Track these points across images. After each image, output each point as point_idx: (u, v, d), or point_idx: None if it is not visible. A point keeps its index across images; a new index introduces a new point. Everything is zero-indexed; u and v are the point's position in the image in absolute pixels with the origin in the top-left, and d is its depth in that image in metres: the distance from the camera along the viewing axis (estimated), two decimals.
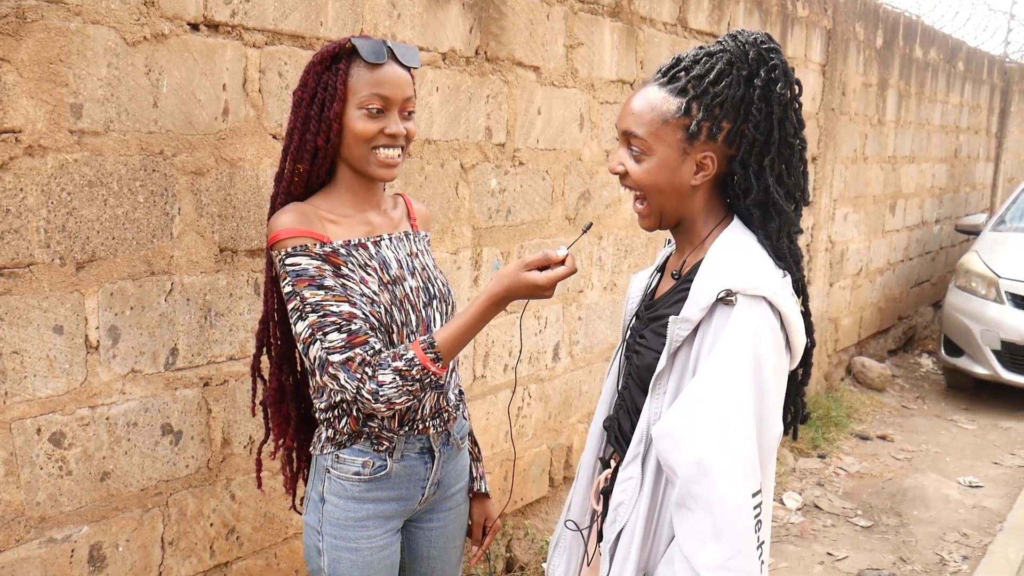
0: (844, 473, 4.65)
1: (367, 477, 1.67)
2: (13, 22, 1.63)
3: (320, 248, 1.56)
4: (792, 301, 1.35)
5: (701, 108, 1.36)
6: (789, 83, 1.37)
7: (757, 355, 1.27)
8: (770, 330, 1.30)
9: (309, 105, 1.59)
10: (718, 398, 1.26)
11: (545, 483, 3.47)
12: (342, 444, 1.67)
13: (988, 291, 5.93)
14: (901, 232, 7.15)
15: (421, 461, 1.73)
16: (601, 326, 3.63)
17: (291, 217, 1.57)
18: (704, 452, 1.24)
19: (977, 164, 9.07)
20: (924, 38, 6.96)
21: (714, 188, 1.44)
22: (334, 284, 1.55)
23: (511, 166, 3.00)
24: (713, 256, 1.37)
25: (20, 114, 1.66)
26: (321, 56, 1.59)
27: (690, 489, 1.25)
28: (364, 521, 1.68)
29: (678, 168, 1.39)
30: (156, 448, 1.99)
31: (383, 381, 1.52)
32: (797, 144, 1.39)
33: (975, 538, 3.92)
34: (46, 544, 1.81)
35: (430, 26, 2.58)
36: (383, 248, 1.67)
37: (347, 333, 1.53)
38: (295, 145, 1.61)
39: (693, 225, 1.46)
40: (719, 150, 1.38)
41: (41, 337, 1.75)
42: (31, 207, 1.70)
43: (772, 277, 1.35)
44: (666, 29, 3.70)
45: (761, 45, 1.37)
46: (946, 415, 5.82)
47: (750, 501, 1.24)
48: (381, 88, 1.58)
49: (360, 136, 1.58)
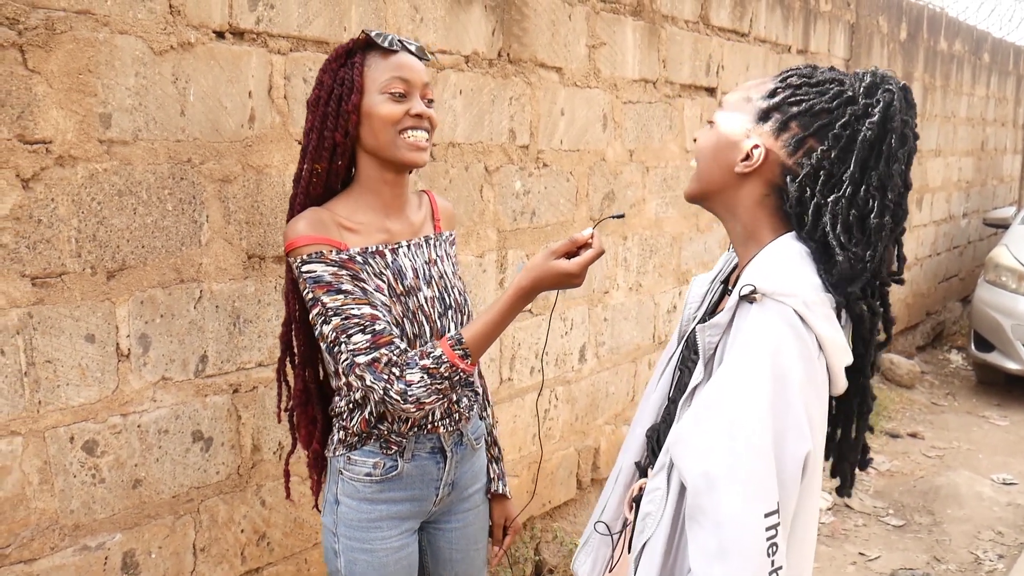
0: (875, 471, 4.60)
1: (378, 478, 1.67)
2: (43, 33, 1.64)
3: (336, 255, 1.55)
4: (830, 319, 1.24)
5: (782, 97, 1.29)
6: (887, 126, 1.24)
7: (778, 364, 1.17)
8: (796, 340, 1.18)
9: (327, 103, 1.58)
10: (728, 406, 1.17)
11: (573, 485, 3.46)
12: (353, 445, 1.67)
13: (1019, 285, 5.84)
14: (928, 227, 7.06)
15: (433, 461, 1.72)
16: (627, 327, 3.61)
17: (306, 224, 1.56)
18: (712, 464, 1.15)
19: (1004, 156, 8.95)
20: (948, 30, 6.87)
21: (772, 202, 1.32)
22: (352, 288, 1.54)
23: (535, 168, 2.99)
24: (755, 259, 1.29)
25: (50, 124, 1.67)
26: (335, 54, 1.60)
27: (699, 502, 1.16)
28: (378, 522, 1.68)
29: (733, 146, 1.31)
30: (187, 455, 2.00)
31: (411, 381, 1.51)
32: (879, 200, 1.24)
33: (1010, 536, 3.86)
34: (80, 552, 1.82)
35: (453, 29, 2.58)
36: (400, 256, 1.65)
37: (371, 334, 1.52)
38: (313, 144, 1.60)
39: (746, 232, 1.35)
40: (776, 150, 1.28)
41: (73, 346, 1.76)
42: (62, 217, 1.71)
43: (812, 288, 1.23)
44: (688, 27, 3.67)
45: (884, 80, 1.27)
46: (977, 411, 5.74)
47: (761, 521, 1.13)
48: (401, 71, 1.57)
49: (387, 119, 1.56)
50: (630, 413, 3.71)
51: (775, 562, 1.13)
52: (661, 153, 3.64)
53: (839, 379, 1.28)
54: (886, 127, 1.24)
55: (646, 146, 3.54)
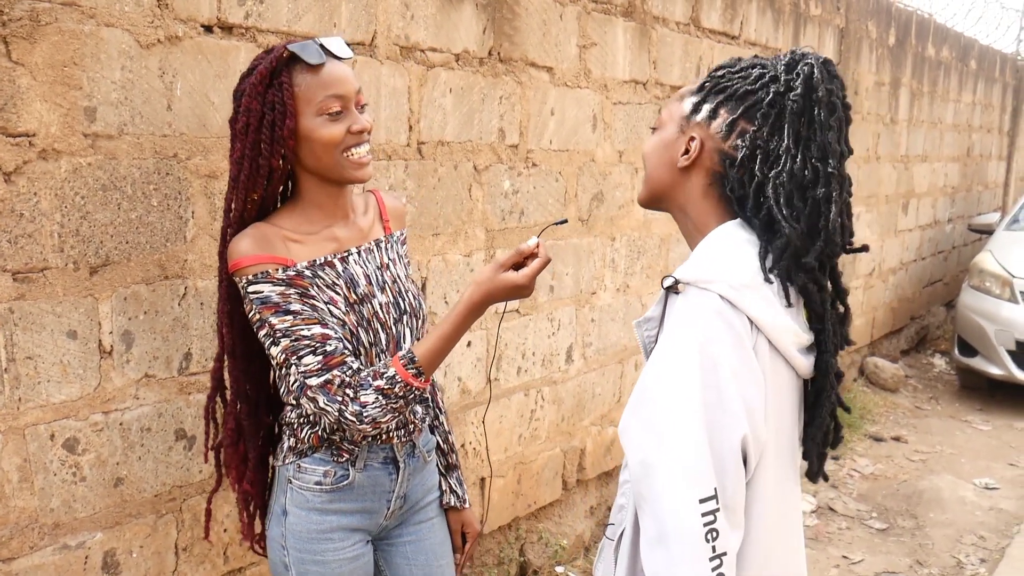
0: (858, 475, 4.62)
1: (329, 487, 1.63)
2: (27, 25, 1.61)
3: (283, 273, 1.50)
4: (766, 300, 1.24)
5: (709, 89, 1.34)
6: (811, 96, 1.27)
7: (706, 352, 1.18)
8: (725, 326, 1.20)
9: (258, 129, 1.49)
10: (658, 396, 1.19)
11: (558, 486, 3.45)
12: (303, 453, 1.63)
13: (1002, 291, 5.89)
14: (914, 231, 7.10)
15: (385, 472, 1.68)
16: (614, 328, 3.60)
17: (250, 243, 1.50)
18: (647, 451, 1.18)
19: (989, 163, 9.01)
20: (936, 36, 6.91)
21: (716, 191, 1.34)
22: (301, 308, 1.49)
23: (524, 167, 2.98)
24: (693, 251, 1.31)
25: (34, 117, 1.65)
26: (260, 75, 1.49)
27: (639, 488, 1.19)
28: (328, 533, 1.64)
29: (672, 144, 1.36)
30: (170, 453, 1.98)
31: (366, 402, 1.48)
32: (820, 170, 1.26)
33: (992, 540, 3.89)
34: (60, 551, 1.79)
35: (444, 27, 2.56)
36: (351, 264, 1.60)
37: (322, 355, 1.49)
38: (246, 173, 1.52)
39: (695, 227, 1.37)
40: (710, 138, 1.31)
41: (55, 342, 1.74)
42: (45, 211, 1.69)
43: (739, 272, 1.24)
44: (679, 29, 3.67)
45: (801, 55, 1.31)
46: (960, 416, 5.78)
47: (696, 507, 1.15)
48: (335, 88, 1.50)
49: (329, 142, 1.50)
50: (616, 414, 3.71)
51: (716, 548, 1.16)
52: None
53: (797, 360, 1.29)
54: (811, 98, 1.27)
55: (635, 147, 3.53)
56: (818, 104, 1.26)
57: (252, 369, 1.66)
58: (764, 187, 1.27)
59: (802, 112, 1.26)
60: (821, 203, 1.26)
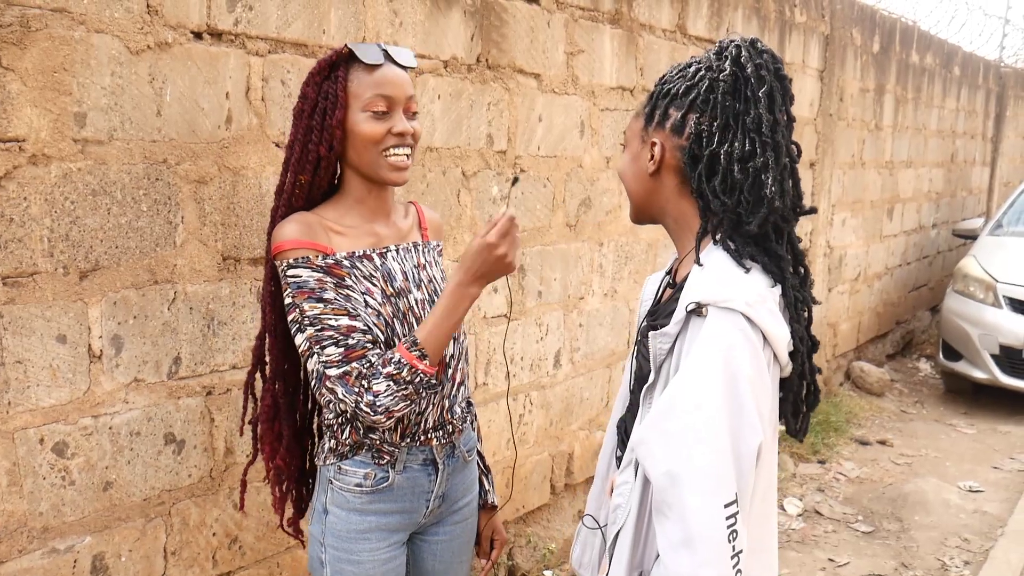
0: (844, 478, 4.65)
1: (369, 489, 1.66)
2: (17, 31, 1.62)
3: (323, 260, 1.55)
4: (773, 314, 1.33)
5: (656, 96, 1.43)
6: (741, 73, 1.35)
7: (730, 367, 1.26)
8: (746, 342, 1.28)
9: (311, 116, 1.58)
10: (687, 410, 1.26)
11: (547, 490, 3.46)
12: (344, 455, 1.66)
13: (986, 295, 5.94)
14: (899, 237, 7.16)
15: (424, 473, 1.71)
16: (602, 333, 3.63)
17: (294, 228, 1.56)
18: (674, 463, 1.25)
19: (973, 168, 9.10)
20: (920, 43, 6.98)
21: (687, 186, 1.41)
22: (334, 297, 1.54)
23: (512, 173, 2.99)
24: (696, 263, 1.37)
25: (24, 123, 1.66)
26: (319, 67, 1.59)
27: (664, 497, 1.26)
28: (366, 533, 1.67)
29: (639, 156, 1.45)
30: (159, 457, 1.98)
31: (378, 391, 1.51)
32: (757, 140, 1.34)
33: (976, 543, 3.92)
34: (49, 555, 1.80)
35: (432, 34, 2.58)
36: (389, 260, 1.65)
37: (344, 347, 1.52)
38: (296, 156, 1.60)
39: (677, 225, 1.46)
40: (668, 139, 1.39)
41: (44, 346, 1.74)
42: (35, 216, 1.69)
43: (750, 289, 1.32)
44: (665, 36, 3.71)
45: (728, 41, 1.39)
46: (945, 419, 5.83)
47: (722, 512, 1.24)
48: (384, 88, 1.57)
49: (369, 138, 1.57)
50: (604, 418, 3.73)
51: (736, 547, 1.24)
52: None
53: (785, 364, 1.39)
54: (740, 76, 1.35)
55: None
56: (748, 80, 1.35)
57: (291, 349, 1.69)
58: (702, 167, 1.36)
59: (733, 91, 1.35)
60: (760, 172, 1.35)
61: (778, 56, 1.40)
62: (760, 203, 1.35)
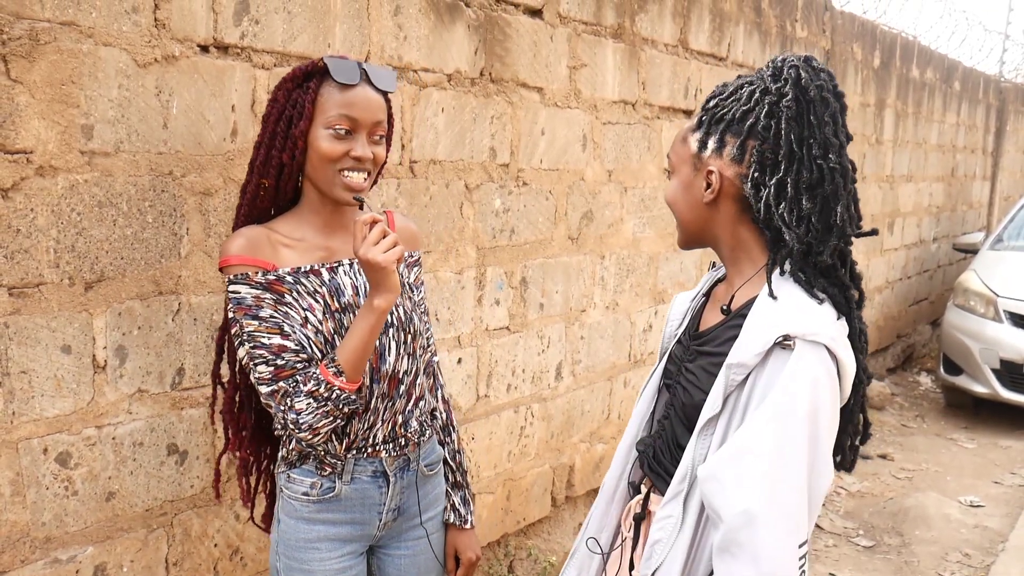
0: (845, 492, 4.65)
1: (315, 498, 1.65)
2: (26, 44, 1.64)
3: (263, 276, 1.54)
4: (847, 347, 1.31)
5: (708, 121, 1.38)
6: (804, 96, 1.31)
7: (814, 404, 1.23)
8: (828, 377, 1.26)
9: (276, 121, 1.58)
10: (771, 448, 1.22)
11: (547, 503, 3.46)
12: (292, 463, 1.67)
13: (987, 310, 5.94)
14: (899, 250, 7.17)
15: (375, 485, 1.69)
16: (603, 345, 3.63)
17: (239, 243, 1.56)
18: (753, 502, 1.21)
19: (974, 183, 9.12)
20: (920, 58, 7.01)
21: (747, 214, 1.38)
22: (270, 315, 1.54)
23: (515, 186, 3.01)
24: (768, 296, 1.32)
25: (32, 135, 1.67)
26: (293, 74, 1.58)
27: (735, 537, 1.22)
28: (315, 543, 1.66)
29: (692, 184, 1.40)
30: (161, 468, 1.99)
31: (300, 408, 1.52)
32: (824, 166, 1.30)
33: (977, 558, 3.92)
34: (51, 565, 1.80)
35: (436, 48, 2.60)
36: (339, 275, 1.63)
37: (274, 367, 1.53)
38: (260, 159, 1.60)
39: (733, 253, 1.42)
40: (726, 167, 1.35)
41: (49, 357, 1.75)
42: (41, 227, 1.71)
43: (831, 321, 1.30)
44: (667, 50, 3.73)
45: (785, 62, 1.35)
46: (946, 434, 5.82)
47: (796, 552, 1.21)
48: (349, 109, 1.55)
49: (325, 156, 1.55)
50: (605, 431, 3.73)
51: None
52: (639, 174, 3.69)
53: (847, 397, 1.35)
54: (803, 99, 1.31)
55: (624, 167, 3.58)
56: (812, 103, 1.31)
57: None
58: (769, 196, 1.31)
59: (798, 115, 1.31)
60: (830, 199, 1.31)
61: (833, 73, 1.36)
62: (829, 231, 1.32)
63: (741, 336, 1.31)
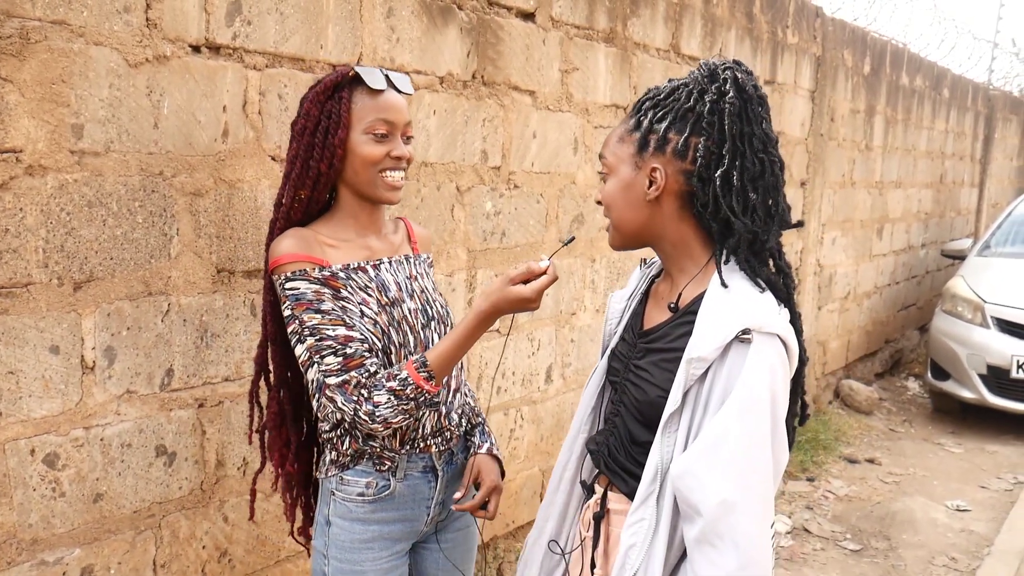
0: (833, 496, 4.66)
1: (371, 497, 1.68)
2: (17, 42, 1.63)
3: (319, 272, 1.59)
4: (793, 333, 1.36)
5: (649, 120, 1.41)
6: (743, 95, 1.37)
7: (773, 391, 1.29)
8: (782, 365, 1.31)
9: (313, 133, 1.63)
10: (740, 438, 1.27)
11: (536, 505, 3.46)
12: (345, 465, 1.69)
13: (974, 315, 5.98)
14: (888, 256, 7.21)
15: (424, 480, 1.74)
16: (593, 348, 3.63)
17: (291, 242, 1.61)
18: (729, 492, 1.25)
19: (962, 189, 9.17)
20: (910, 65, 7.05)
21: (689, 210, 1.42)
22: (331, 308, 1.58)
23: (506, 189, 3.01)
24: (720, 290, 1.36)
25: (21, 134, 1.66)
26: (324, 86, 1.63)
27: (715, 527, 1.26)
28: (370, 543, 1.69)
29: (633, 183, 1.43)
30: (150, 470, 1.98)
31: (379, 402, 1.55)
32: (765, 159, 1.37)
33: (963, 562, 3.94)
34: (37, 567, 1.79)
35: (428, 50, 2.60)
36: (382, 271, 1.70)
37: (343, 356, 1.55)
38: (297, 172, 1.64)
39: (676, 250, 1.46)
40: (670, 163, 1.39)
41: (37, 357, 1.74)
42: (30, 227, 1.70)
43: (777, 310, 1.36)
44: (659, 55, 3.74)
45: (719, 64, 1.41)
46: (933, 439, 5.85)
47: (769, 533, 1.28)
48: (386, 113, 1.63)
49: (368, 160, 1.62)
50: None
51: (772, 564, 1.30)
52: None
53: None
54: (742, 96, 1.37)
55: None
56: (750, 101, 1.37)
57: (293, 356, 1.71)
58: (717, 188, 1.36)
59: (740, 112, 1.37)
60: (770, 189, 1.38)
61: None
62: (771, 219, 1.39)
63: (697, 331, 1.35)
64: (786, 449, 1.33)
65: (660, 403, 1.38)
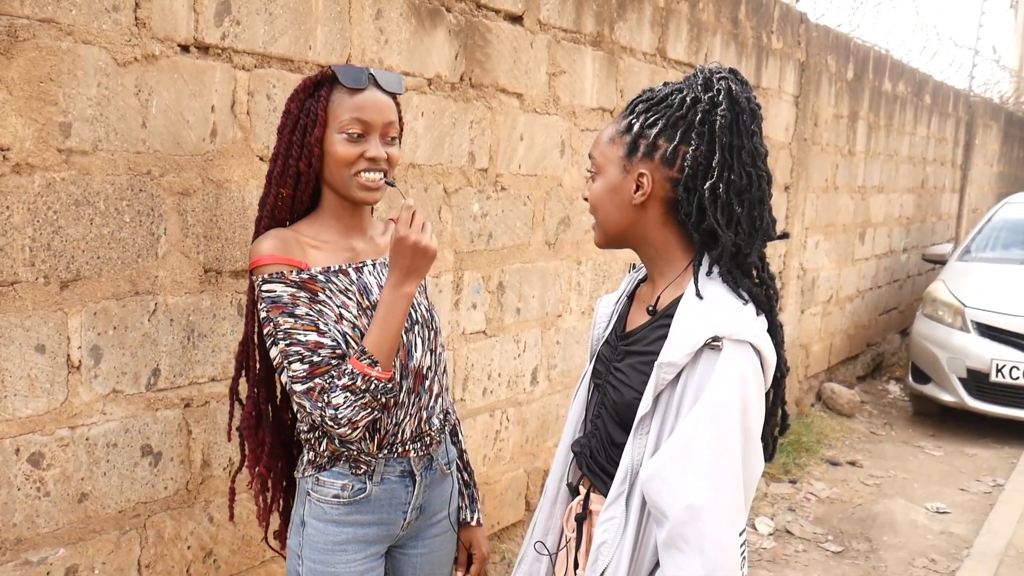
0: (815, 498, 4.70)
1: (346, 500, 1.67)
2: (4, 40, 1.63)
3: (296, 275, 1.58)
4: (767, 341, 1.37)
5: (640, 124, 1.41)
6: (736, 107, 1.37)
7: (743, 398, 1.29)
8: (754, 372, 1.32)
9: (292, 131, 1.62)
10: (709, 443, 1.27)
11: (521, 507, 3.47)
12: (322, 466, 1.68)
13: (954, 320, 6.04)
14: (870, 260, 7.27)
15: (402, 485, 1.72)
16: (579, 350, 3.65)
17: (271, 244, 1.60)
18: (696, 496, 1.25)
19: (943, 195, 9.27)
20: (893, 71, 7.12)
21: (672, 217, 1.43)
22: (305, 312, 1.56)
23: (493, 191, 3.02)
24: (695, 296, 1.36)
25: (8, 132, 1.66)
26: (304, 84, 1.63)
27: (681, 531, 1.26)
28: (344, 545, 1.68)
29: (620, 186, 1.43)
30: (135, 469, 1.97)
31: (337, 404, 1.53)
32: (753, 173, 1.38)
33: (943, 564, 3.98)
34: (21, 567, 1.78)
35: (416, 52, 2.61)
36: (364, 274, 1.69)
37: (309, 364, 1.54)
38: (278, 170, 1.64)
39: (658, 254, 1.46)
40: (657, 170, 1.39)
41: (23, 356, 1.73)
42: (17, 225, 1.69)
43: (753, 319, 1.36)
44: (646, 59, 3.76)
45: (714, 73, 1.41)
46: (913, 441, 5.91)
47: (737, 541, 1.27)
48: (361, 112, 1.60)
49: (341, 160, 1.61)
50: None
51: (744, 573, 1.29)
52: None
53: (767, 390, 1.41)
54: (735, 109, 1.37)
55: None
56: (741, 114, 1.38)
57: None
58: (703, 200, 1.36)
59: (731, 124, 1.37)
60: (756, 203, 1.38)
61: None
62: (755, 233, 1.39)
63: (670, 336, 1.35)
64: (760, 458, 1.32)
65: (635, 405, 1.39)
